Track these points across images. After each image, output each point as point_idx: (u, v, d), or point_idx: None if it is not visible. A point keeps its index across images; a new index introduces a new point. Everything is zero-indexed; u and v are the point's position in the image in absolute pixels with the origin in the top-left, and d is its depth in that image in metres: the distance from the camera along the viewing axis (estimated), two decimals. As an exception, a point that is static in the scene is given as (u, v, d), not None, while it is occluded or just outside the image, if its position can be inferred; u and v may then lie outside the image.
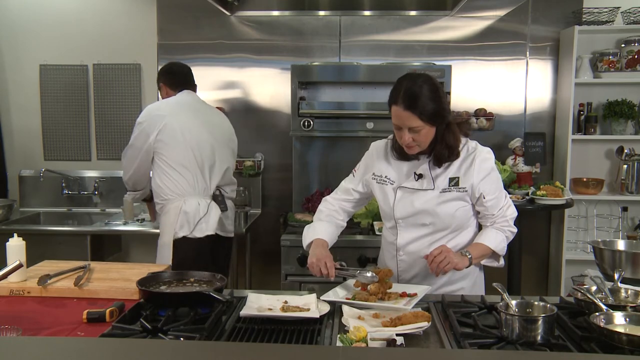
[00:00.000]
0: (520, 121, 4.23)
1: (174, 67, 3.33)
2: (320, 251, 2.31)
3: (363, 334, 1.70)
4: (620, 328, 1.68)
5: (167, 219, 3.08)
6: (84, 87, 4.44)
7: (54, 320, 1.97)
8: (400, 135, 2.21)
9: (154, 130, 3.03)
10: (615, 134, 4.12)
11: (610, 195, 4.17)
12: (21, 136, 4.52)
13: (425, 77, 2.21)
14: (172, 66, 3.34)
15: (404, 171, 2.34)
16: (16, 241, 2.29)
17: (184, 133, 3.06)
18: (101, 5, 4.38)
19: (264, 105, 4.30)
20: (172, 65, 3.36)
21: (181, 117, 3.10)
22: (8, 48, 4.45)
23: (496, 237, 2.29)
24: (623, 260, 2.32)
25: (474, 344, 1.71)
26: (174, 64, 3.37)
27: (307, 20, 4.24)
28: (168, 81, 3.27)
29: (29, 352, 1.35)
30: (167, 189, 3.07)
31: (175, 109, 3.12)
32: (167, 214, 3.08)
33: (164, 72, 3.32)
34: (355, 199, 2.50)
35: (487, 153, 2.31)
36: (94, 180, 4.41)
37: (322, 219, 2.49)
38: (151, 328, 1.76)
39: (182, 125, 3.07)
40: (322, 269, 2.21)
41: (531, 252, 4.20)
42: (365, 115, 3.83)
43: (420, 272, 2.35)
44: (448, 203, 2.27)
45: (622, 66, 4.09)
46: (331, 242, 2.41)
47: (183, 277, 2.19)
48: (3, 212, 3.99)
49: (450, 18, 4.18)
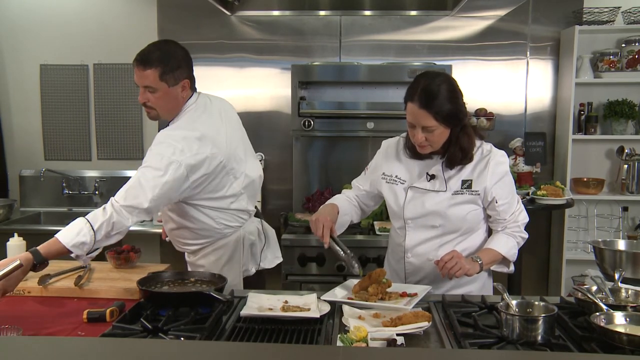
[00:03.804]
0: (520, 121, 4.23)
1: (185, 50, 2.48)
2: (324, 210, 2.31)
3: (363, 334, 1.69)
4: (621, 328, 1.68)
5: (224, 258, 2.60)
6: (85, 87, 4.44)
7: (55, 320, 1.97)
8: (414, 133, 2.18)
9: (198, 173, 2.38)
10: (616, 134, 4.12)
11: (610, 195, 4.17)
12: (22, 136, 4.51)
13: (445, 77, 2.18)
14: (184, 49, 2.47)
15: (415, 171, 2.31)
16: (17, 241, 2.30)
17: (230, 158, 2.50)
18: (102, 5, 4.37)
19: (265, 105, 4.30)
20: (179, 46, 2.46)
21: (228, 146, 2.49)
22: (8, 48, 4.45)
23: (507, 243, 2.27)
24: (623, 260, 2.32)
25: (474, 343, 1.71)
26: (178, 45, 2.47)
27: (307, 20, 4.24)
28: (192, 75, 2.49)
29: (29, 352, 1.35)
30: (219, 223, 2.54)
31: (219, 138, 2.46)
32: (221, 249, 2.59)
33: (186, 58, 2.45)
34: (362, 194, 2.48)
35: (502, 156, 2.27)
36: (94, 180, 4.41)
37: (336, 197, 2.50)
38: (152, 328, 1.76)
39: (229, 154, 2.49)
40: (318, 231, 2.19)
41: (532, 252, 4.19)
42: (365, 115, 3.82)
43: (427, 275, 2.32)
44: (459, 206, 2.24)
45: (623, 66, 4.09)
46: (343, 210, 2.38)
47: (183, 277, 2.19)
48: (3, 212, 3.99)
49: (450, 18, 4.18)
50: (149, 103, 2.38)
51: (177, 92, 2.40)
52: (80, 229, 2.15)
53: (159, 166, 2.25)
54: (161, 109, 2.41)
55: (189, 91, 2.46)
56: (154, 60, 2.32)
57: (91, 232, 2.15)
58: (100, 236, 2.17)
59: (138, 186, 2.23)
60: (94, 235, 2.15)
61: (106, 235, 2.18)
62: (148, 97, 2.37)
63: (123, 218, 2.19)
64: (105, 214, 2.19)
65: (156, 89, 2.35)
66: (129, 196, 2.22)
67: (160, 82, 2.34)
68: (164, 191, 2.25)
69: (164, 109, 2.41)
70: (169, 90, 2.37)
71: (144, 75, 2.33)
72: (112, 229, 2.19)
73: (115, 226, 2.19)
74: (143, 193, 2.22)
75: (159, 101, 2.38)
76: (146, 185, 2.22)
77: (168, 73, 2.34)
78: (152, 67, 2.32)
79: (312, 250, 3.45)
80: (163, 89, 2.35)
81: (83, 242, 2.13)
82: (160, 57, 2.33)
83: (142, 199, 2.21)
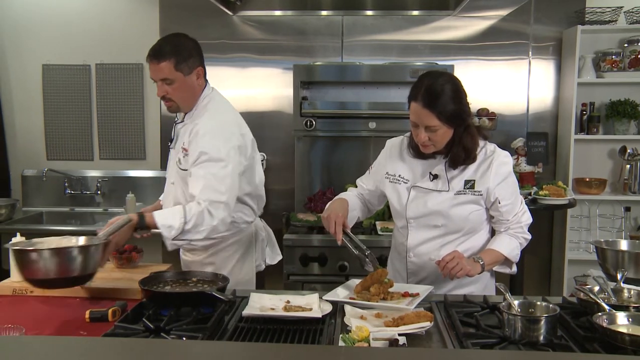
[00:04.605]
0: (522, 121, 4.23)
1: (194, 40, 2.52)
2: (336, 205, 2.31)
3: (365, 334, 1.69)
4: (623, 328, 1.68)
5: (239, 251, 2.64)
6: (87, 87, 4.45)
7: (57, 320, 1.97)
8: (417, 133, 2.17)
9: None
10: (618, 134, 4.11)
11: (613, 195, 4.17)
12: (24, 136, 4.52)
13: (448, 77, 2.18)
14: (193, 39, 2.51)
15: (418, 170, 2.31)
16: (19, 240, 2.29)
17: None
18: (104, 5, 4.38)
19: (267, 105, 4.30)
20: (188, 37, 2.50)
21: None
22: (11, 48, 4.45)
23: (510, 244, 2.27)
24: (626, 260, 2.31)
25: (476, 344, 1.71)
26: (187, 36, 2.51)
27: (309, 20, 4.24)
28: (204, 64, 2.52)
29: (31, 352, 1.35)
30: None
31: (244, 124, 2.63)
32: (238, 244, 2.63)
33: (196, 48, 2.49)
34: (367, 193, 2.48)
35: (505, 157, 2.27)
36: (96, 180, 4.41)
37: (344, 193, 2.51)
38: (154, 328, 1.76)
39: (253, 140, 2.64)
40: (331, 228, 2.21)
41: (534, 252, 4.19)
42: (367, 115, 3.82)
43: (429, 275, 2.32)
44: (462, 206, 2.24)
45: (625, 66, 4.08)
46: (352, 205, 2.39)
47: (185, 276, 2.19)
48: (6, 212, 3.99)
49: (452, 18, 4.18)
50: (168, 95, 2.43)
51: (193, 81, 2.45)
52: (174, 213, 2.30)
53: (219, 157, 2.35)
54: (180, 99, 2.46)
55: (203, 80, 2.52)
56: (166, 52, 2.37)
57: (182, 219, 2.26)
58: (189, 227, 2.28)
59: (211, 182, 2.32)
60: (184, 224, 2.27)
61: (194, 227, 2.29)
62: (166, 90, 2.42)
63: (209, 215, 2.30)
64: (199, 207, 2.29)
65: (173, 79, 2.40)
66: (208, 193, 2.31)
67: (176, 72, 2.39)
68: (234, 180, 2.38)
69: (182, 99, 2.46)
70: (185, 79, 2.42)
71: (159, 68, 2.38)
72: (201, 223, 2.29)
73: (205, 221, 2.29)
74: (217, 187, 2.32)
75: (177, 92, 2.43)
76: (214, 179, 2.32)
77: (182, 62, 2.39)
78: (167, 59, 2.37)
79: (314, 250, 3.46)
80: (179, 79, 2.40)
81: (171, 225, 2.26)
82: (173, 49, 2.39)
83: (218, 193, 2.32)
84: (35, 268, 1.93)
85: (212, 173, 2.33)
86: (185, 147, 2.44)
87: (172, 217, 2.28)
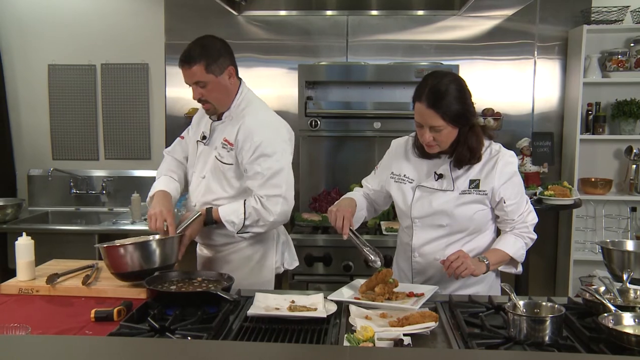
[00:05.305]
0: (528, 121, 4.22)
1: (223, 40, 2.53)
2: (344, 202, 2.36)
3: (370, 334, 1.69)
4: (629, 329, 1.67)
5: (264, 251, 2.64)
6: (92, 87, 4.46)
7: (62, 319, 1.97)
8: (422, 133, 2.18)
9: None
10: (624, 134, 4.10)
11: (618, 196, 4.15)
12: (30, 136, 4.54)
13: (453, 77, 2.18)
14: (221, 39, 2.53)
15: (423, 170, 2.31)
16: (25, 240, 2.30)
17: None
18: (109, 5, 4.39)
19: (271, 105, 4.17)
20: (216, 38, 2.52)
21: None
22: (17, 48, 4.47)
23: (515, 244, 2.26)
24: (632, 261, 2.31)
25: (481, 344, 1.71)
26: (215, 37, 2.53)
27: (314, 20, 4.24)
28: (235, 63, 2.54)
29: (37, 351, 1.36)
30: None
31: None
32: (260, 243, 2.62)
33: (225, 47, 2.50)
34: (372, 193, 2.48)
35: (510, 157, 2.26)
36: (101, 180, 4.42)
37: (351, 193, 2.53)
38: (159, 327, 1.76)
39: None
40: (337, 222, 2.22)
41: (539, 252, 4.18)
42: (372, 115, 3.82)
43: (434, 275, 2.31)
44: (466, 205, 2.24)
45: (631, 65, 4.06)
46: (359, 204, 2.41)
47: (191, 276, 2.20)
48: (12, 211, 4.01)
49: (457, 17, 4.17)
50: (204, 98, 2.46)
51: (226, 81, 2.47)
52: (236, 209, 2.42)
53: (273, 150, 2.43)
54: (215, 100, 2.48)
55: (236, 79, 2.54)
56: (196, 56, 2.40)
57: (242, 216, 2.40)
58: (249, 222, 2.42)
59: (267, 176, 2.40)
60: (244, 219, 2.41)
61: (254, 222, 2.42)
62: (201, 92, 2.45)
63: (265, 211, 2.40)
64: (256, 204, 2.40)
65: (206, 82, 2.42)
66: (265, 188, 2.41)
67: (208, 75, 2.41)
68: (289, 172, 2.48)
69: (217, 99, 2.49)
70: (217, 80, 2.44)
71: (191, 72, 2.41)
72: (260, 218, 2.41)
73: (262, 217, 2.41)
74: (274, 182, 2.41)
75: (212, 93, 2.45)
76: (270, 173, 2.40)
77: (212, 64, 2.41)
78: (197, 63, 2.39)
79: (319, 250, 3.45)
80: (212, 80, 2.42)
81: (232, 221, 2.41)
82: (202, 52, 2.41)
83: (275, 187, 2.41)
84: (123, 262, 2.20)
85: (267, 167, 2.41)
86: (230, 141, 2.46)
87: (233, 213, 2.41)
